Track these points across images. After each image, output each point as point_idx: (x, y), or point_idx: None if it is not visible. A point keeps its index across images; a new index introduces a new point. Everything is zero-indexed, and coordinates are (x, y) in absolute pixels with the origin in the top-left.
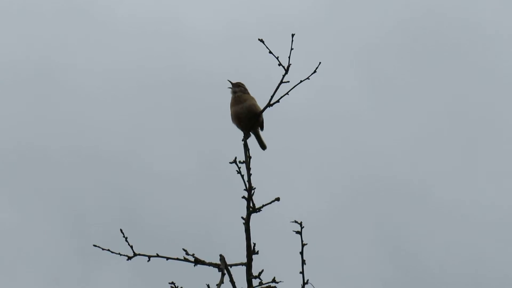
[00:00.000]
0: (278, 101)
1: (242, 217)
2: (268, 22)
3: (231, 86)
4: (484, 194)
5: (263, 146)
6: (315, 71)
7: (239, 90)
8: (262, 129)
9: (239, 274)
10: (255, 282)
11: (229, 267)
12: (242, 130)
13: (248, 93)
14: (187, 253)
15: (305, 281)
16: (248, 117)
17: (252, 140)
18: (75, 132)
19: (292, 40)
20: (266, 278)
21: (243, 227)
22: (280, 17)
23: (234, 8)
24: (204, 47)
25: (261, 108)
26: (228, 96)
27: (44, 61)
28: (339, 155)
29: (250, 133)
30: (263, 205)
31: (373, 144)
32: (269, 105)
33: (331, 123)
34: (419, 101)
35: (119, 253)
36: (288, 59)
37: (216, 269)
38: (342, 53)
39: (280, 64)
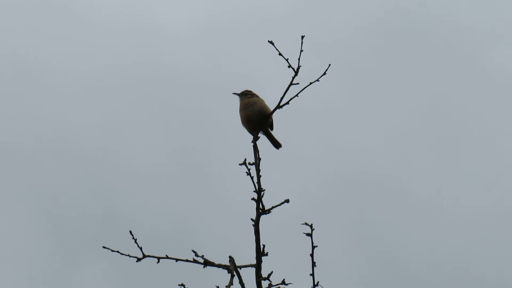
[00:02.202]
0: (287, 102)
1: (251, 219)
2: (243, 18)
3: (238, 96)
4: (462, 191)
5: (277, 145)
6: (324, 73)
7: (247, 98)
8: (272, 129)
9: (248, 275)
10: (265, 283)
11: (238, 269)
12: (251, 132)
13: (257, 96)
14: (196, 255)
15: (315, 283)
16: (258, 119)
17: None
18: (51, 128)
19: (302, 42)
20: (275, 280)
21: (252, 229)
22: (254, 12)
23: (208, 4)
24: (180, 43)
25: (271, 108)
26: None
27: (20, 58)
28: (316, 151)
29: (259, 135)
30: (273, 207)
31: (351, 140)
32: (278, 106)
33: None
34: (397, 98)
35: (128, 255)
36: (298, 60)
37: (226, 271)
38: (318, 48)
39: (289, 66)
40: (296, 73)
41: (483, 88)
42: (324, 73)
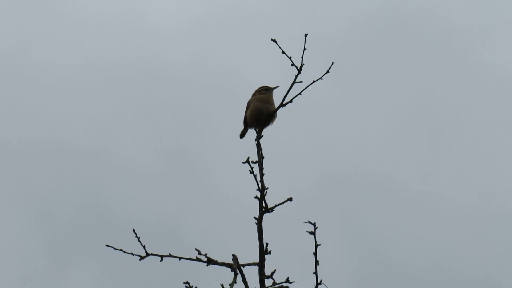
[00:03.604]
0: (291, 101)
1: (254, 217)
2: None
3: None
4: (453, 188)
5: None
6: (328, 71)
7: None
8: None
9: (251, 274)
10: (268, 282)
11: (241, 267)
12: (255, 128)
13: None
14: (199, 253)
15: (319, 282)
16: (267, 119)
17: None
18: (41, 126)
19: (305, 40)
20: (278, 278)
21: (255, 227)
22: (243, 9)
23: (197, 1)
24: (169, 40)
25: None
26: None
27: (10, 55)
28: (305, 147)
29: (262, 134)
30: (276, 205)
31: (341, 137)
32: (282, 105)
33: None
34: (387, 95)
35: (131, 253)
36: (301, 59)
37: (229, 269)
38: (308, 45)
39: (293, 64)
40: (299, 71)
41: (473, 85)
42: (328, 71)
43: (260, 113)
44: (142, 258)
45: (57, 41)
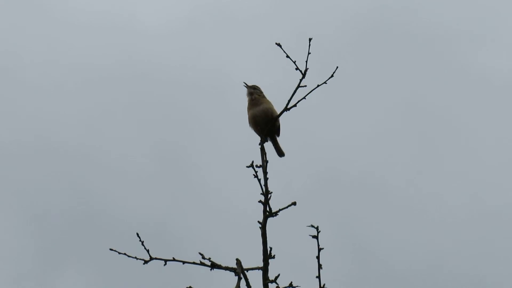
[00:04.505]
0: (295, 105)
1: (258, 221)
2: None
3: (246, 87)
4: (442, 189)
5: (280, 153)
6: (332, 76)
7: (255, 93)
8: (278, 135)
9: (255, 278)
10: (272, 286)
11: (245, 271)
12: (259, 134)
13: (264, 96)
14: (203, 257)
15: (322, 286)
16: (265, 121)
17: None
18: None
19: (310, 45)
20: (282, 282)
21: (259, 231)
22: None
23: (185, 1)
24: (158, 40)
25: (277, 112)
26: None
27: None
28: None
29: (268, 138)
30: (280, 209)
31: (330, 137)
32: (286, 109)
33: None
34: (377, 95)
35: (135, 257)
36: (305, 63)
37: (233, 273)
38: (297, 45)
39: (297, 68)
40: (304, 75)
41: (464, 87)
42: (332, 76)
43: (256, 119)
44: (146, 262)
45: (46, 41)
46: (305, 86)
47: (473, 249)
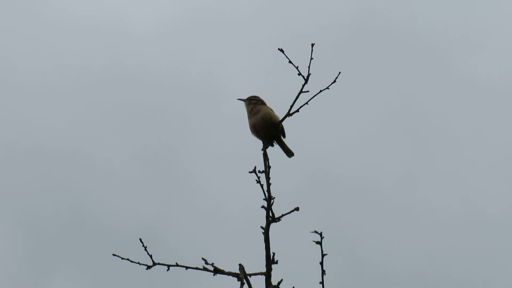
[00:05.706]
0: (297, 110)
1: (261, 227)
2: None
3: (243, 101)
4: (432, 191)
5: (289, 153)
6: (334, 81)
7: (251, 103)
8: (284, 136)
9: (258, 283)
10: None
11: (248, 277)
12: (262, 140)
13: (263, 104)
14: (206, 263)
15: None
16: (265, 127)
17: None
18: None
19: (312, 50)
20: None
21: (262, 237)
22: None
23: (174, 4)
24: (146, 43)
25: (278, 116)
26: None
27: None
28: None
29: (274, 143)
30: (283, 215)
31: (320, 140)
32: (288, 114)
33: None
34: (367, 98)
35: (138, 262)
36: (308, 68)
37: (235, 279)
38: (285, 47)
39: (299, 74)
40: (306, 81)
41: (455, 90)
42: (334, 81)
43: (256, 128)
44: (149, 267)
45: (34, 44)
46: (308, 91)
47: (465, 252)
